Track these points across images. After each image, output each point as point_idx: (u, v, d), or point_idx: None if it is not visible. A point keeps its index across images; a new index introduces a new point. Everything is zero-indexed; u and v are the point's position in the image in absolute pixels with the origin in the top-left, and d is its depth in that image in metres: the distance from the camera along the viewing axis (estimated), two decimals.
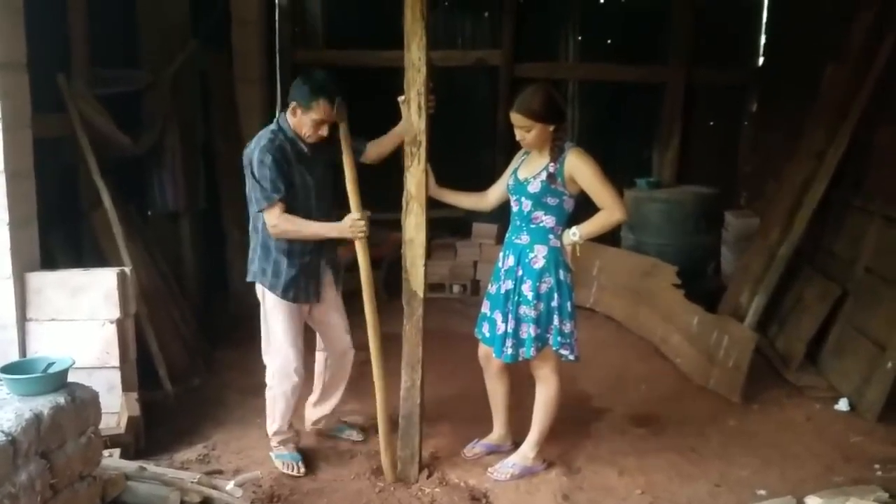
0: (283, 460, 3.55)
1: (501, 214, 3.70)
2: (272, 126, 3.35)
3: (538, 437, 3.54)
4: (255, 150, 3.23)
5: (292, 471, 3.50)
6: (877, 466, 3.67)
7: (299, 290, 3.42)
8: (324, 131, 3.28)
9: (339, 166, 3.35)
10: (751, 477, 3.57)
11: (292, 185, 3.28)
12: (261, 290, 3.42)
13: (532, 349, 3.33)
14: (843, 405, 4.29)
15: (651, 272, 5.68)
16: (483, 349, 3.61)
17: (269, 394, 3.56)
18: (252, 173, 3.23)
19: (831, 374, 4.58)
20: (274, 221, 3.25)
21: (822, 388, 4.52)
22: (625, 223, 3.38)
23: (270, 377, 3.53)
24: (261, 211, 3.26)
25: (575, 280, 3.41)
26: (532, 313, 3.29)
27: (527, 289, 3.29)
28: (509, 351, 3.36)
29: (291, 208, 3.28)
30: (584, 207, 3.38)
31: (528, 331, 3.32)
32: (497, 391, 3.70)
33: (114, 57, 4.81)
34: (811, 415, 4.26)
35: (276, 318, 3.43)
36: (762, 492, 3.42)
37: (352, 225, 3.27)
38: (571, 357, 3.37)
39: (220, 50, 5.69)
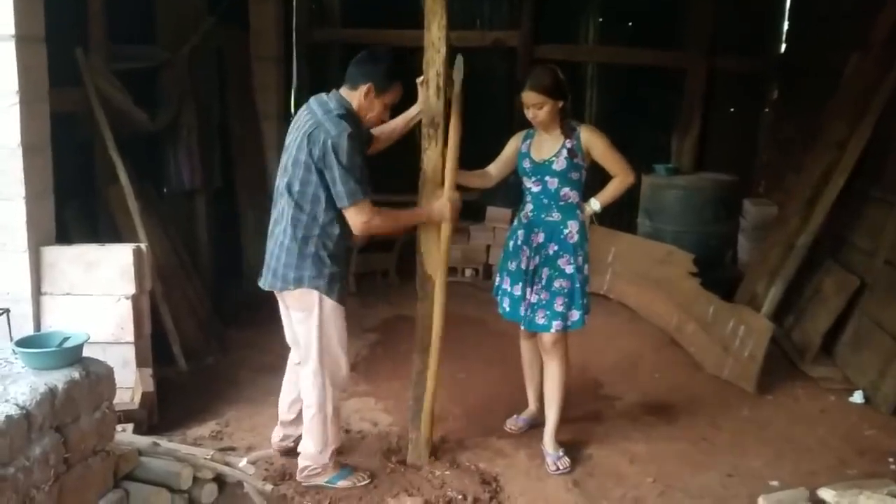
0: (347, 478, 3.25)
1: (516, 199, 3.70)
2: (334, 106, 2.99)
3: (559, 415, 3.56)
4: (342, 137, 2.86)
5: (363, 481, 3.26)
6: (891, 460, 3.65)
7: (344, 291, 3.13)
8: (387, 116, 3.15)
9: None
10: (763, 468, 3.55)
11: None
12: (315, 298, 3.02)
13: (558, 322, 3.41)
14: (857, 398, 4.26)
15: (667, 260, 5.64)
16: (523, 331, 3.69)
17: (317, 417, 3.15)
18: (340, 162, 2.87)
19: (847, 366, 4.54)
20: (367, 217, 2.96)
21: (837, 380, 4.48)
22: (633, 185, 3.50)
23: (319, 394, 3.13)
24: (352, 205, 2.92)
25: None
26: (566, 286, 3.40)
27: (565, 263, 3.41)
28: (542, 321, 3.43)
29: None
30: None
31: (560, 304, 3.42)
32: (534, 364, 3.75)
33: (131, 33, 4.79)
34: (826, 407, 4.23)
35: (333, 327, 3.08)
36: (774, 483, 3.40)
37: (452, 205, 3.11)
38: (586, 318, 3.48)
39: (237, 28, 5.66)
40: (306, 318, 3.07)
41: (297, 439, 3.37)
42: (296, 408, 3.36)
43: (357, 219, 2.97)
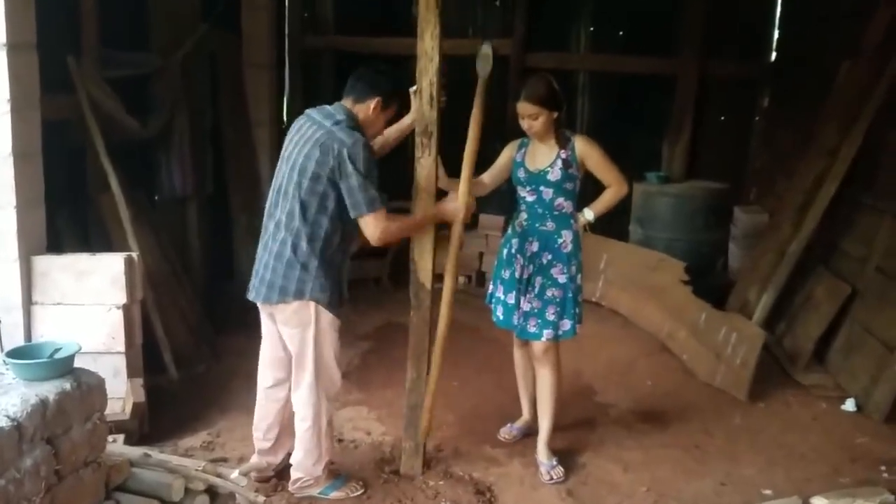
0: (340, 489, 3.25)
1: (509, 207, 3.71)
2: (344, 118, 2.97)
3: (552, 423, 3.56)
4: (357, 146, 2.88)
5: (356, 491, 3.26)
6: (883, 468, 3.66)
7: (341, 304, 3.11)
8: (383, 132, 3.18)
9: None
10: (756, 476, 3.56)
11: None
12: (313, 310, 2.99)
13: (549, 331, 3.42)
14: (849, 405, 4.27)
15: (659, 267, 5.66)
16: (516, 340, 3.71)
17: (311, 431, 3.12)
18: (358, 171, 2.86)
19: (839, 373, 4.55)
20: (383, 225, 2.94)
21: (829, 387, 4.49)
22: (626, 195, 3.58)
23: (313, 409, 3.10)
24: (371, 213, 2.91)
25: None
26: (559, 295, 3.40)
27: (558, 272, 3.42)
28: (533, 329, 3.44)
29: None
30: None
31: (552, 313, 3.41)
32: (527, 372, 3.75)
33: (123, 39, 4.78)
34: (818, 414, 4.24)
35: (328, 341, 3.06)
36: (768, 491, 3.41)
37: (467, 204, 3.15)
38: (578, 328, 3.49)
39: (230, 34, 5.65)
40: (301, 333, 3.03)
41: (277, 467, 3.36)
42: (272, 433, 3.32)
43: (375, 227, 2.94)
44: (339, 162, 2.88)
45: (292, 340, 3.07)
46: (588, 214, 3.48)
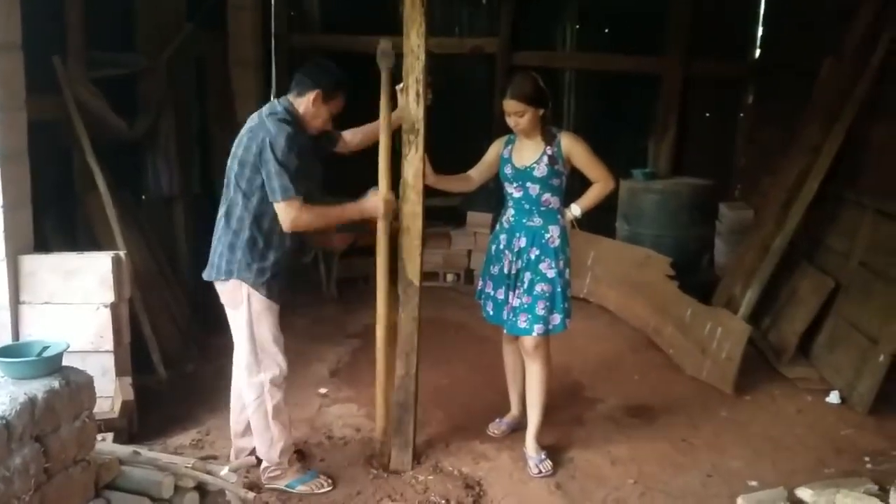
0: (306, 483, 3.28)
1: (496, 204, 3.73)
2: (280, 110, 3.08)
3: (541, 418, 3.58)
4: (279, 137, 2.95)
5: (323, 488, 3.28)
6: (867, 459, 3.70)
7: (281, 287, 3.14)
8: (330, 124, 3.23)
9: (324, 160, 3.36)
10: (742, 468, 3.60)
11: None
12: (244, 291, 3.07)
13: (540, 325, 3.42)
14: (834, 398, 4.32)
15: (645, 263, 5.70)
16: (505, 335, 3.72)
17: (257, 414, 3.20)
18: (276, 158, 2.93)
19: (823, 366, 4.60)
20: (294, 214, 2.98)
21: (813, 380, 4.54)
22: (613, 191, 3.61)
23: (258, 393, 3.18)
24: (283, 200, 2.96)
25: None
26: (548, 290, 3.42)
27: (546, 267, 3.43)
28: (523, 325, 3.44)
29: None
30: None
31: (542, 307, 3.42)
32: (516, 368, 3.77)
33: (110, 40, 4.77)
34: (803, 407, 4.29)
35: (264, 324, 3.11)
36: (754, 483, 3.45)
37: (386, 201, 3.18)
38: (567, 322, 3.50)
39: (217, 34, 5.65)
40: (235, 314, 3.14)
41: (252, 452, 3.41)
42: (243, 416, 3.38)
43: (286, 214, 3.00)
44: (262, 150, 2.98)
45: (231, 321, 3.18)
46: (575, 210, 3.51)
